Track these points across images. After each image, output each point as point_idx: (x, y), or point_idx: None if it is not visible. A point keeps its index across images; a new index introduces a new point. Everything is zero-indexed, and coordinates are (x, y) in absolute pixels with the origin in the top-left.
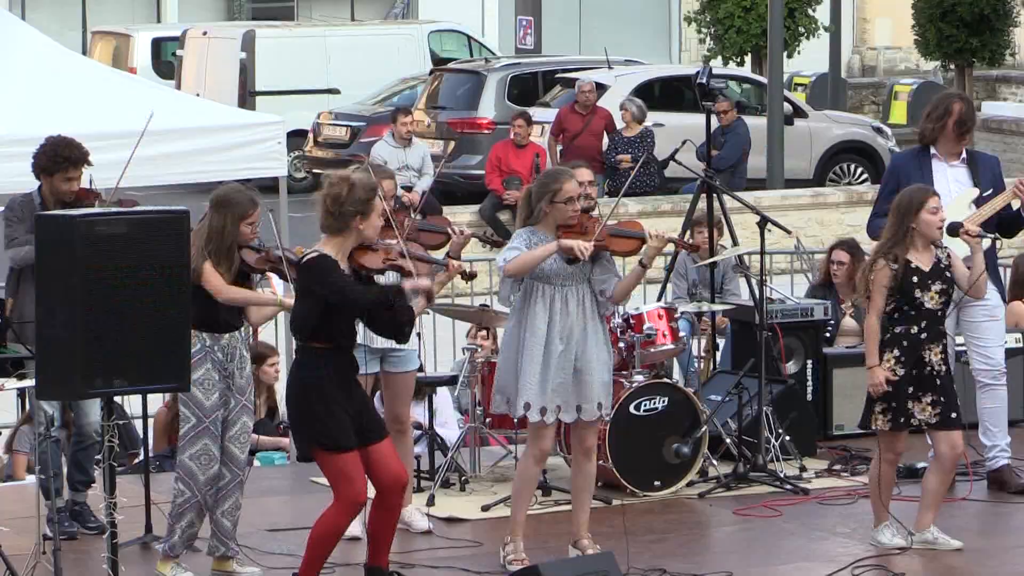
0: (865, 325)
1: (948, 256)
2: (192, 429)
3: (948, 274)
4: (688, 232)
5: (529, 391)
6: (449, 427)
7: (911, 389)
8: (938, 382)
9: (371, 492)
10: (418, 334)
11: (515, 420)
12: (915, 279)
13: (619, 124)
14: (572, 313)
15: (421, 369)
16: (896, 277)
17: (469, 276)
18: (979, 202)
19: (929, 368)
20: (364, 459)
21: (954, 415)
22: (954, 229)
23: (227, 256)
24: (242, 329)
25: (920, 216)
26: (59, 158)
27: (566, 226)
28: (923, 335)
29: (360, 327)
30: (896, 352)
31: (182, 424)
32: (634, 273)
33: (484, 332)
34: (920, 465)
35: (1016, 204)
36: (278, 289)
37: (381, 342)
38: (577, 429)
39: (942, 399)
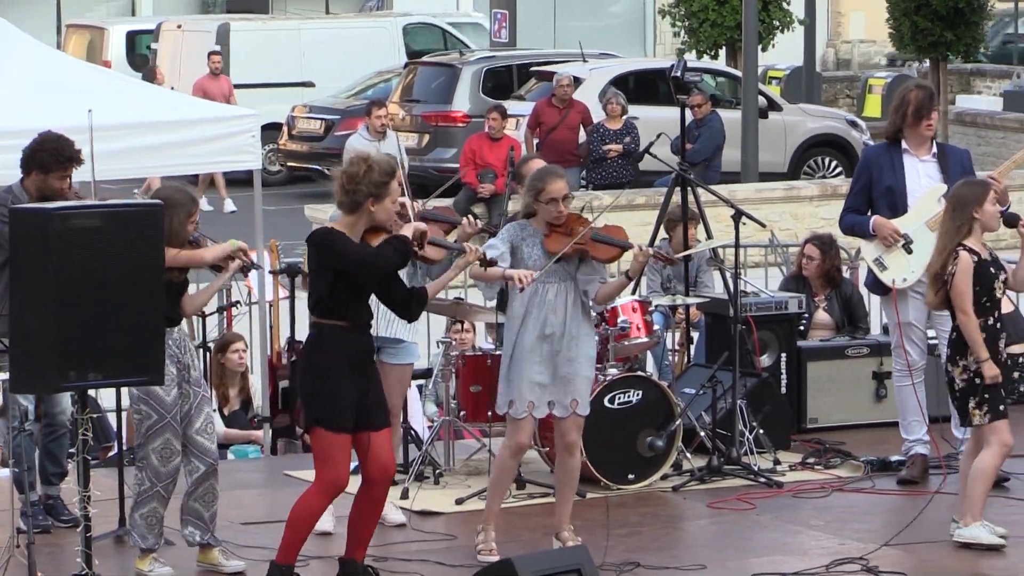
0: (963, 321)
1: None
2: (154, 424)
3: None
4: (661, 230)
5: (511, 385)
6: (415, 421)
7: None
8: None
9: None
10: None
11: (489, 414)
12: (991, 269)
13: (601, 116)
14: (556, 309)
15: None
16: (978, 268)
17: (488, 263)
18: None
19: (1001, 357)
20: (360, 444)
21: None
22: (1012, 221)
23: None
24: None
25: (984, 207)
26: (62, 157)
27: (553, 225)
28: (998, 324)
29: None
30: None
31: (142, 421)
32: (618, 282)
33: (459, 326)
34: (894, 458)
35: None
36: (253, 285)
37: (380, 331)
38: (558, 424)
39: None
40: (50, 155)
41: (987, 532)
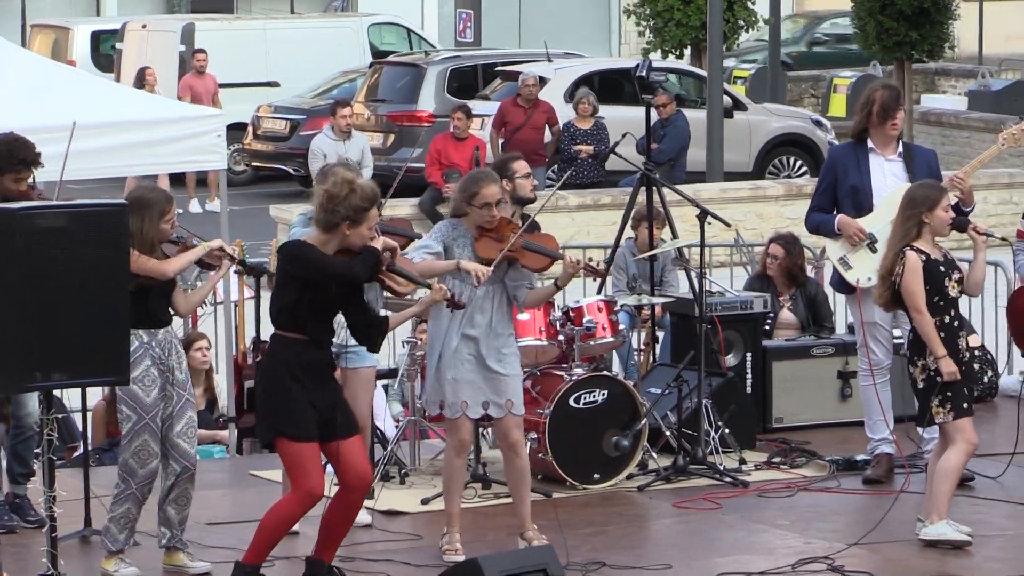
0: (917, 320)
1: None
2: (133, 426)
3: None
4: (627, 230)
5: (441, 386)
6: (381, 421)
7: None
8: (964, 369)
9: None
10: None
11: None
12: (942, 268)
13: (567, 115)
14: (483, 309)
15: None
16: (926, 267)
17: (456, 305)
18: None
19: (963, 356)
20: (332, 454)
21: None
22: (963, 226)
23: (151, 255)
24: (173, 324)
25: (935, 212)
26: (14, 158)
27: (484, 229)
28: (956, 323)
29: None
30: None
31: (123, 422)
32: (547, 290)
33: (425, 326)
34: (859, 458)
35: (953, 199)
36: (218, 286)
37: (338, 339)
38: (498, 425)
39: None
40: (3, 156)
41: (952, 530)
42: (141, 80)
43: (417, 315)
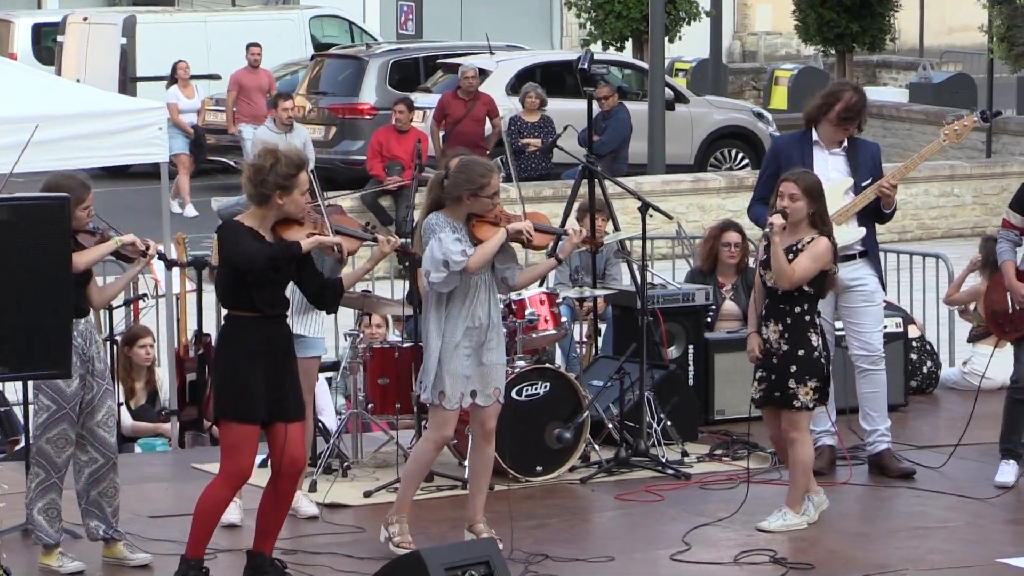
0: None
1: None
2: (51, 416)
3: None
4: (572, 221)
5: (443, 378)
6: (326, 414)
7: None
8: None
9: (257, 479)
10: None
11: (397, 406)
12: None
13: (508, 108)
14: (482, 301)
15: None
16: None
17: (407, 254)
18: (856, 190)
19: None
20: (274, 436)
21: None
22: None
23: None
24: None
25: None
26: None
27: (479, 216)
28: (764, 311)
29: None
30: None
31: (39, 412)
32: (546, 265)
33: (368, 319)
34: None
35: (873, 196)
36: (160, 278)
37: None
38: (478, 412)
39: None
40: None
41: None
42: (174, 74)
43: (369, 271)
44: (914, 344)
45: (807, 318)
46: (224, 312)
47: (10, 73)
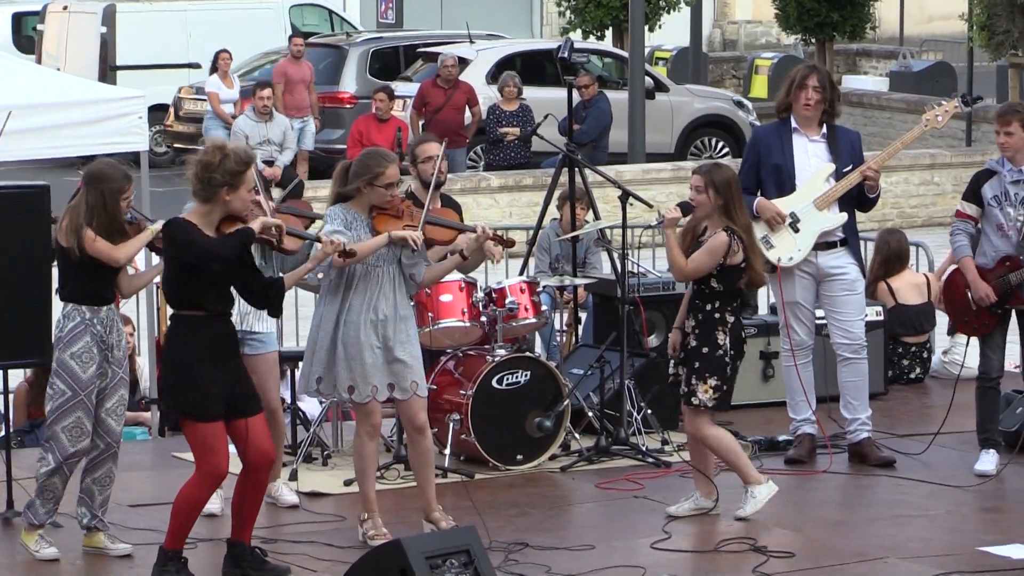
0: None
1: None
2: (67, 402)
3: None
4: (552, 211)
5: (351, 371)
6: (308, 402)
7: None
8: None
9: (236, 467)
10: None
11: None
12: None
13: (488, 97)
14: (386, 295)
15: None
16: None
17: (348, 253)
18: (838, 177)
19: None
20: (236, 432)
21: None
22: (687, 209)
23: (117, 230)
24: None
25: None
26: None
27: (380, 208)
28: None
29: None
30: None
31: (55, 397)
32: (452, 261)
33: None
34: (781, 438)
35: (857, 178)
36: (139, 264)
37: (240, 325)
38: (404, 407)
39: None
40: None
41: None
42: (215, 63)
43: (310, 271)
44: (912, 349)
45: (717, 316)
46: (170, 312)
47: None
